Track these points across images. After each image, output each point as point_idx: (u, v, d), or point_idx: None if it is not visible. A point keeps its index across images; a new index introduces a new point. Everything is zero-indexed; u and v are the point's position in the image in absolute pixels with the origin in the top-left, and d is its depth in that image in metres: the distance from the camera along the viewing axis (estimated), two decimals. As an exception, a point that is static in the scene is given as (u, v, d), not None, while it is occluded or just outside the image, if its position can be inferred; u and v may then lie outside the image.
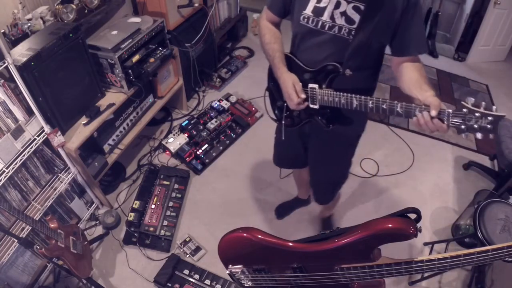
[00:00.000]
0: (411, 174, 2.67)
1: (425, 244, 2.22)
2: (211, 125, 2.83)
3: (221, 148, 2.76)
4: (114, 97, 2.16)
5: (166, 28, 2.43)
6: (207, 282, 1.99)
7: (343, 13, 1.20)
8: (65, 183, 2.00)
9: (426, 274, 2.01)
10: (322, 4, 1.23)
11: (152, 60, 2.30)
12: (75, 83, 1.91)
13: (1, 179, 1.61)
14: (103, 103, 2.11)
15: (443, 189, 2.59)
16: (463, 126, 0.97)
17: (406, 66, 1.24)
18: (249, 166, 2.68)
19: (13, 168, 1.66)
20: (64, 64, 1.79)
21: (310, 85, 1.31)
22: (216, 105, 3.02)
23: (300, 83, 1.32)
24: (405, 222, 0.98)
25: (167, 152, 2.72)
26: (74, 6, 1.93)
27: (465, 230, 2.21)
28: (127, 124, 2.40)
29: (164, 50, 2.38)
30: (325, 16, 1.23)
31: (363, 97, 1.18)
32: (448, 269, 1.40)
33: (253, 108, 3.05)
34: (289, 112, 1.48)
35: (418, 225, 0.98)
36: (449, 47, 4.25)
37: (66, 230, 1.77)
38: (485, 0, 3.75)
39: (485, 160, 2.81)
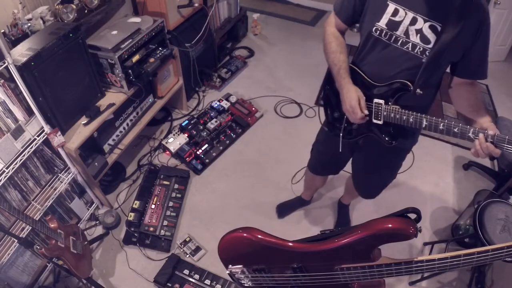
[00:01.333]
0: (411, 174, 2.67)
1: (425, 244, 2.22)
2: (211, 125, 2.83)
3: (221, 148, 2.76)
4: (114, 97, 2.16)
5: (166, 28, 2.43)
6: (207, 282, 1.99)
7: (419, 31, 1.17)
8: (65, 183, 2.00)
9: (426, 274, 2.01)
10: (397, 18, 1.18)
11: (152, 60, 2.30)
12: (75, 83, 1.91)
13: (1, 179, 1.61)
14: (103, 103, 2.11)
15: (443, 189, 2.60)
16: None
17: (466, 89, 1.28)
18: (249, 166, 2.68)
19: (13, 168, 1.66)
20: (64, 64, 1.79)
21: (376, 100, 1.29)
22: (216, 105, 3.02)
23: (364, 100, 1.29)
24: (405, 222, 0.98)
25: (167, 152, 2.72)
26: (74, 6, 1.93)
27: (465, 230, 2.21)
28: (127, 124, 2.40)
29: (164, 50, 2.38)
30: (400, 31, 1.19)
31: (434, 118, 1.18)
32: (448, 269, 1.40)
33: (253, 108, 3.05)
34: (347, 125, 1.44)
35: (418, 225, 0.98)
36: (449, 47, 4.25)
37: (66, 230, 1.77)
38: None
39: (485, 160, 2.81)
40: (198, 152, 2.69)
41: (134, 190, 2.46)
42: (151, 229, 2.17)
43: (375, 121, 1.32)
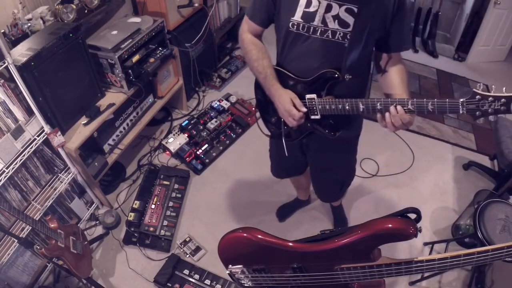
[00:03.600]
0: (411, 174, 2.67)
1: (425, 244, 2.22)
2: (211, 125, 2.83)
3: (221, 148, 2.76)
4: (114, 97, 2.16)
5: (166, 28, 2.43)
6: (207, 282, 1.99)
7: (336, 17, 1.15)
8: (65, 183, 2.00)
9: (426, 274, 2.01)
10: (311, 9, 1.16)
11: (152, 60, 2.30)
12: (75, 83, 1.91)
13: (1, 179, 1.61)
14: (103, 103, 2.11)
15: (443, 189, 2.60)
16: (477, 113, 0.99)
17: (391, 69, 1.26)
18: (249, 166, 2.68)
19: (13, 168, 1.66)
20: (64, 64, 1.79)
21: (308, 96, 1.25)
22: (216, 105, 3.02)
23: (298, 99, 1.26)
24: (405, 222, 0.98)
25: (167, 152, 2.72)
26: (74, 6, 1.93)
27: (465, 230, 2.21)
28: (127, 124, 2.40)
29: (164, 50, 2.38)
30: (316, 21, 1.17)
31: (369, 100, 1.15)
32: (448, 269, 1.40)
33: (253, 108, 3.05)
34: (287, 127, 1.41)
35: (418, 225, 0.98)
36: (449, 47, 4.25)
37: (66, 230, 1.77)
38: (485, 0, 3.75)
39: (485, 160, 2.81)
40: (198, 152, 2.69)
41: (134, 190, 2.46)
42: (151, 229, 2.17)
43: (312, 117, 1.29)
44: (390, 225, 0.99)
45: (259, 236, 1.17)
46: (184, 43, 2.73)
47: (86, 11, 2.03)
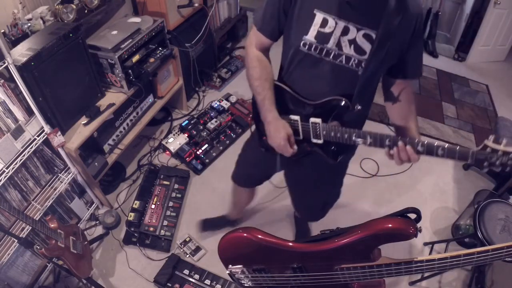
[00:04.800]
0: (411, 174, 2.67)
1: (425, 244, 2.22)
2: (211, 125, 2.83)
3: (221, 148, 2.76)
4: (114, 97, 2.16)
5: (166, 28, 2.43)
6: (207, 282, 1.99)
7: (352, 41, 1.07)
8: (65, 183, 2.00)
9: (426, 274, 2.01)
10: (327, 29, 1.06)
11: (152, 60, 2.30)
12: (75, 83, 1.91)
13: (1, 179, 1.61)
14: (103, 103, 2.11)
15: (443, 189, 2.60)
16: (485, 163, 0.98)
17: (404, 98, 1.21)
18: (249, 166, 2.68)
19: (13, 168, 1.66)
20: (64, 64, 1.79)
21: (312, 120, 1.18)
22: (216, 105, 3.02)
23: (293, 136, 1.20)
24: (405, 222, 0.98)
25: (167, 152, 2.72)
26: (74, 6, 1.93)
27: (465, 230, 2.21)
28: (127, 124, 2.39)
29: (164, 50, 2.38)
30: (331, 43, 1.08)
31: (378, 134, 1.09)
32: (448, 269, 1.40)
33: (253, 108, 3.05)
34: None
35: (418, 225, 0.98)
36: (449, 47, 4.25)
37: (66, 230, 1.77)
38: (485, 0, 3.75)
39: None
40: (198, 152, 2.69)
41: (134, 190, 2.46)
42: (151, 229, 2.17)
43: (314, 140, 1.22)
44: (390, 225, 1.00)
45: (259, 236, 1.18)
46: (184, 43, 2.73)
47: (86, 11, 2.03)
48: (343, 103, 1.12)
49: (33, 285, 1.92)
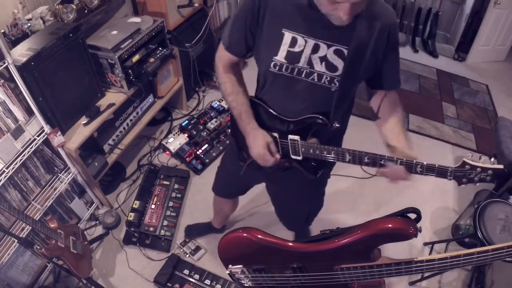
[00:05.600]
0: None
1: (425, 244, 2.22)
2: (211, 125, 2.83)
3: (221, 148, 2.76)
4: (114, 97, 2.16)
5: (166, 28, 2.43)
6: (207, 282, 1.99)
7: (323, 58, 1.05)
8: (65, 183, 2.00)
9: (426, 274, 2.01)
10: (297, 48, 1.04)
11: (152, 60, 2.30)
12: (75, 83, 1.91)
13: (1, 179, 1.61)
14: (103, 103, 2.11)
15: (443, 189, 2.59)
16: (464, 179, 0.99)
17: (388, 115, 1.18)
18: (249, 166, 2.68)
19: (13, 168, 1.66)
20: (64, 64, 1.79)
21: (291, 137, 1.16)
22: (216, 105, 3.02)
23: (273, 143, 1.18)
24: (405, 222, 0.98)
25: (167, 152, 2.72)
26: (74, 6, 1.93)
27: (465, 230, 2.21)
28: (127, 124, 2.39)
29: (164, 50, 2.38)
30: (302, 62, 1.06)
31: (357, 151, 1.08)
32: (448, 269, 1.40)
33: (253, 108, 3.05)
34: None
35: (418, 225, 0.98)
36: (449, 47, 4.25)
37: (66, 230, 1.77)
38: (485, 0, 3.75)
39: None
40: (198, 152, 2.69)
41: (134, 190, 2.46)
42: (151, 229, 2.17)
43: (294, 157, 1.20)
44: (390, 225, 1.00)
45: (259, 236, 1.18)
46: (184, 43, 2.73)
47: (86, 11, 2.03)
48: (320, 121, 1.12)
49: (33, 285, 1.92)
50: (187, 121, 2.85)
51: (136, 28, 2.19)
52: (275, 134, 1.21)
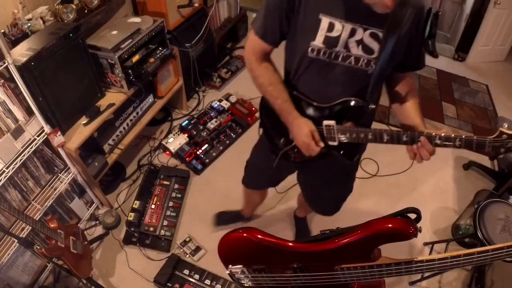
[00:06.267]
0: (411, 174, 2.67)
1: (425, 244, 2.22)
2: (211, 125, 2.83)
3: (221, 148, 2.76)
4: (114, 97, 2.16)
5: (166, 28, 2.43)
6: (207, 282, 1.99)
7: (360, 42, 1.07)
8: (65, 183, 2.00)
9: (426, 274, 2.01)
10: (334, 33, 1.06)
11: (152, 60, 2.30)
12: (75, 83, 1.91)
13: (1, 179, 1.61)
14: (103, 103, 2.11)
15: (443, 189, 2.59)
16: (502, 149, 0.99)
17: (406, 96, 1.21)
18: (249, 166, 2.68)
19: (13, 168, 1.66)
20: (64, 64, 1.79)
21: (326, 122, 1.17)
22: (216, 105, 3.02)
23: (317, 132, 1.18)
24: (405, 222, 0.98)
25: (167, 152, 2.72)
26: (74, 6, 1.93)
27: (465, 230, 2.21)
28: (127, 124, 2.39)
29: (164, 50, 2.38)
30: (339, 47, 1.08)
31: (395, 131, 1.09)
32: (448, 269, 1.40)
33: (253, 108, 3.05)
34: (298, 149, 1.29)
35: (418, 225, 0.98)
36: (449, 47, 4.25)
37: (66, 230, 1.77)
38: (485, 0, 3.75)
39: (485, 160, 2.81)
40: (198, 152, 2.69)
41: (134, 190, 2.46)
42: (151, 229, 2.17)
43: (330, 143, 1.21)
44: (390, 225, 1.00)
45: (259, 236, 1.18)
46: (184, 43, 2.73)
47: (86, 11, 2.03)
48: (354, 103, 1.14)
49: (33, 285, 1.92)
50: (187, 121, 2.85)
51: (136, 28, 2.19)
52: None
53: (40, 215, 1.85)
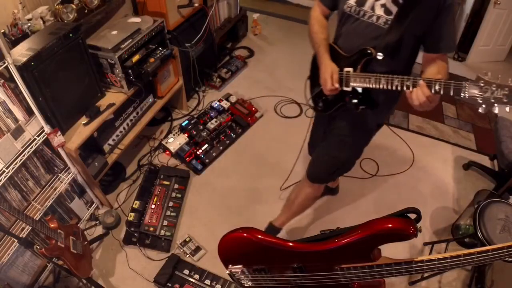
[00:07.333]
0: (411, 174, 2.67)
1: (425, 244, 2.22)
2: (211, 125, 2.83)
3: (221, 148, 2.76)
4: (114, 97, 2.16)
5: (166, 28, 2.43)
6: (207, 282, 1.99)
7: (383, 5, 1.32)
8: (65, 183, 2.00)
9: (426, 274, 2.01)
10: None
11: (152, 60, 2.30)
12: (75, 83, 1.91)
13: (1, 179, 1.61)
14: (103, 103, 2.11)
15: (443, 189, 2.59)
16: (480, 100, 1.02)
17: (431, 65, 1.35)
18: (249, 166, 2.68)
19: (13, 168, 1.66)
20: (64, 64, 1.79)
21: (345, 69, 1.42)
22: (216, 105, 3.02)
23: (338, 74, 1.43)
24: (405, 222, 0.98)
25: (167, 152, 2.72)
26: (74, 6, 1.93)
27: (465, 230, 2.21)
28: (127, 124, 2.40)
29: (164, 50, 2.38)
30: (367, 6, 1.35)
31: (389, 76, 1.28)
32: (448, 269, 1.40)
33: (253, 108, 3.05)
34: (325, 97, 1.61)
35: (418, 225, 0.98)
36: (449, 47, 4.25)
37: (66, 230, 1.77)
38: (485, 0, 3.75)
39: (485, 160, 2.81)
40: (198, 152, 2.69)
41: (134, 190, 2.46)
42: (151, 229, 2.17)
43: (345, 88, 1.45)
44: (390, 225, 0.99)
45: (259, 236, 1.18)
46: (184, 43, 2.73)
47: (86, 11, 2.03)
48: (366, 50, 1.36)
49: (33, 285, 1.92)
50: (187, 121, 2.85)
51: (136, 28, 2.19)
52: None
53: (40, 215, 1.85)
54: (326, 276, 1.16)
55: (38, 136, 1.77)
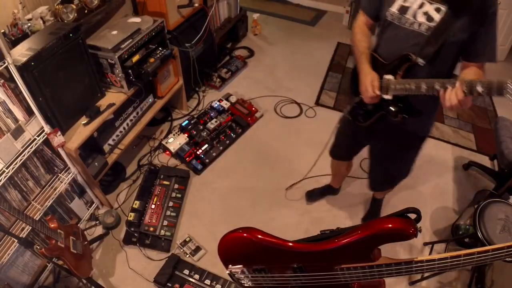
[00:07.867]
0: (411, 174, 2.67)
1: (425, 244, 2.22)
2: (211, 125, 2.83)
3: (221, 148, 2.76)
4: (114, 97, 2.16)
5: (166, 28, 2.43)
6: (207, 282, 1.99)
7: (426, 13, 1.31)
8: (65, 183, 2.00)
9: (426, 274, 2.01)
10: (407, 4, 1.35)
11: (152, 60, 2.30)
12: (75, 83, 1.91)
13: (1, 179, 1.61)
14: (103, 103, 2.11)
15: (443, 189, 2.59)
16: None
17: (468, 74, 1.33)
18: (249, 166, 2.68)
19: (13, 168, 1.66)
20: (64, 64, 1.80)
21: (385, 76, 1.42)
22: (216, 105, 3.02)
23: (378, 81, 1.42)
24: (405, 222, 0.98)
25: (167, 152, 2.72)
26: (74, 6, 1.93)
27: (465, 230, 2.21)
28: (127, 124, 2.40)
29: (164, 50, 2.38)
30: (409, 14, 1.35)
31: (430, 80, 1.26)
32: (448, 269, 1.40)
33: (253, 108, 3.05)
34: (365, 107, 1.60)
35: (418, 225, 0.98)
36: (449, 47, 4.25)
37: (66, 230, 1.77)
38: (485, 0, 3.75)
39: (485, 160, 2.81)
40: (198, 152, 2.69)
41: (134, 190, 2.46)
42: (151, 229, 2.17)
43: (385, 96, 1.43)
44: (390, 225, 0.99)
45: (259, 236, 1.17)
46: (184, 43, 2.73)
47: (86, 11, 2.03)
48: (407, 56, 1.36)
49: (33, 285, 1.92)
50: (187, 121, 2.85)
51: (136, 28, 2.19)
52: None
53: (40, 215, 1.85)
54: (326, 276, 1.16)
55: (38, 136, 1.77)
